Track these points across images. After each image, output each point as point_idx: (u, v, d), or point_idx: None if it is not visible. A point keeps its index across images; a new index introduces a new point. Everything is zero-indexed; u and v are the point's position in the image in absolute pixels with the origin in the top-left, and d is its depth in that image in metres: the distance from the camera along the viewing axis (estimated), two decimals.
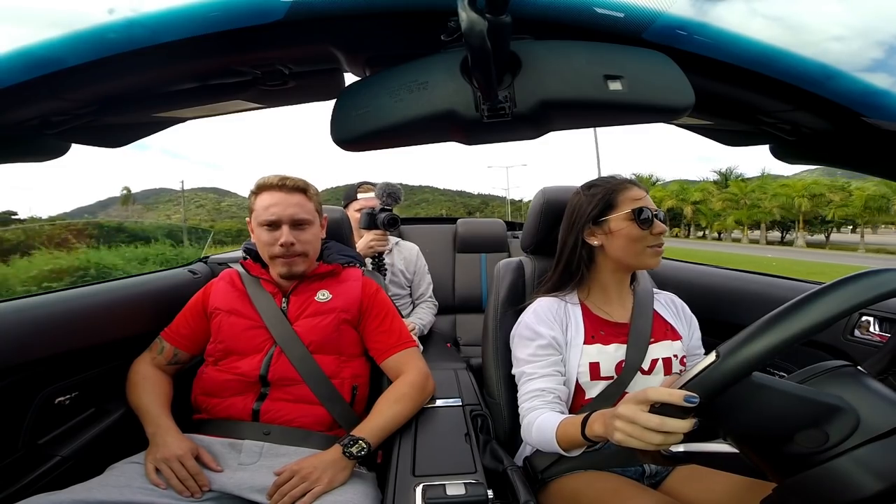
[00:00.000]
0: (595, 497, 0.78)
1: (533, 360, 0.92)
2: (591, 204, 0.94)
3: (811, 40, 0.46)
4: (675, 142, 23.68)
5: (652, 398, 0.54)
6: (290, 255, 1.00)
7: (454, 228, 2.24)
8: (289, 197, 1.00)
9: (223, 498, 0.83)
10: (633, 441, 0.56)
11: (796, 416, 0.45)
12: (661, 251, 0.92)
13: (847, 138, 0.58)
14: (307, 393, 0.95)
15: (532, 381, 0.90)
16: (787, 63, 0.46)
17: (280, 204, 0.99)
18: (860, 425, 0.43)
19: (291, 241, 0.98)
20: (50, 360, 0.91)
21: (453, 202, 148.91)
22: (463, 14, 0.35)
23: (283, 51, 0.50)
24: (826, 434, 0.44)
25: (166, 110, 0.64)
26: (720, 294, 1.34)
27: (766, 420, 0.47)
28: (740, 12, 0.46)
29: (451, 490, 0.73)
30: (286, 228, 0.99)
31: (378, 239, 1.53)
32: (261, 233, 1.01)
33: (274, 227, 0.99)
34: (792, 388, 0.46)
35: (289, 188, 1.00)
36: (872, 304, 0.43)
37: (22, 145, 0.58)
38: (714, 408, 0.48)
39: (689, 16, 0.44)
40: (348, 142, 0.47)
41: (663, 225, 0.91)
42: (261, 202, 1.00)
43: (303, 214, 1.01)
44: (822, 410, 0.44)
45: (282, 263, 1.00)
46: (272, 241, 0.99)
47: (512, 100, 0.44)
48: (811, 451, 0.44)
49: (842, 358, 0.53)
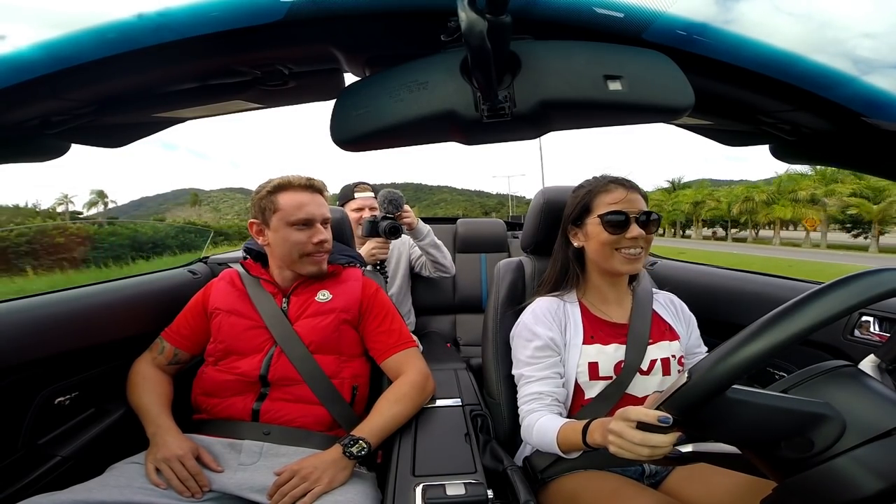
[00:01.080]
0: (595, 497, 0.78)
1: (532, 362, 0.92)
2: (573, 206, 0.96)
3: (839, 37, 0.45)
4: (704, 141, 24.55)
5: (632, 418, 0.59)
6: (322, 253, 1.03)
7: (454, 228, 2.24)
8: (316, 197, 1.03)
9: (223, 498, 0.83)
10: (624, 453, 0.62)
11: (778, 426, 0.45)
12: (635, 257, 0.89)
13: (847, 138, 0.58)
14: (307, 393, 0.95)
15: (531, 384, 0.90)
16: (788, 63, 0.46)
17: (312, 203, 1.01)
18: (847, 429, 0.43)
19: (328, 237, 1.03)
20: (50, 360, 0.91)
21: (471, 202, 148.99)
22: (463, 14, 0.35)
23: (283, 51, 0.50)
24: (811, 441, 0.44)
25: (166, 110, 0.63)
26: (719, 294, 1.34)
27: (748, 431, 0.47)
28: (763, 9, 0.45)
29: (451, 490, 0.73)
30: (320, 227, 1.02)
31: (380, 247, 1.54)
32: (289, 232, 1.00)
33: (308, 226, 1.01)
34: (770, 400, 0.46)
35: (315, 189, 1.03)
36: (865, 306, 0.43)
37: (22, 145, 0.58)
38: (697, 422, 0.48)
39: (711, 14, 0.44)
40: (348, 142, 0.47)
41: (638, 229, 0.88)
42: (289, 201, 1.00)
43: (329, 213, 1.06)
44: (803, 419, 0.45)
45: (313, 262, 1.02)
46: (306, 240, 1.00)
47: (512, 100, 0.44)
48: (799, 457, 0.45)
49: (842, 358, 0.53)
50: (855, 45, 0.45)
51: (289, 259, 1.02)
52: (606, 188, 0.93)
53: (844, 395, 0.46)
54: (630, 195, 0.90)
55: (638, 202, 0.90)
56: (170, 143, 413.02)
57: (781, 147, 0.69)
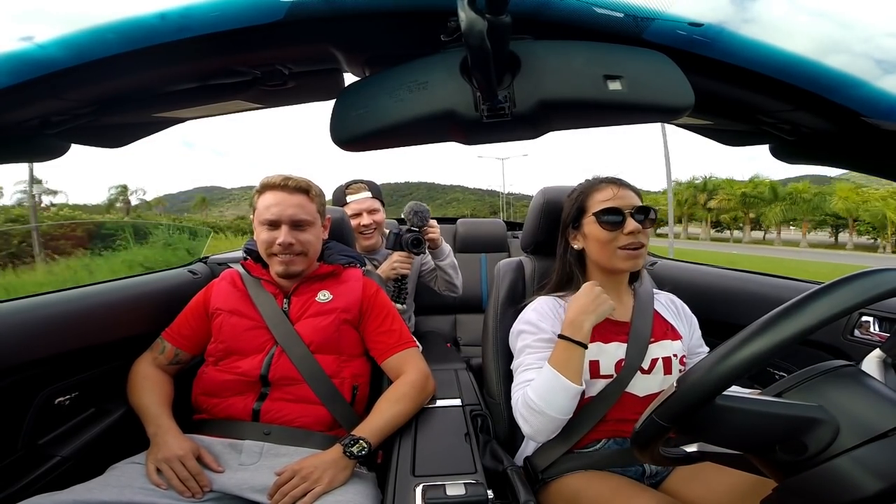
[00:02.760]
0: (595, 497, 0.78)
1: (531, 352, 0.91)
2: (569, 209, 0.98)
3: (862, 36, 0.45)
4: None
5: None
6: (287, 255, 1.00)
7: (454, 228, 2.24)
8: (290, 197, 1.01)
9: (224, 498, 0.83)
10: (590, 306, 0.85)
11: (769, 431, 0.45)
12: (636, 253, 0.90)
13: (847, 138, 0.58)
14: (308, 393, 0.95)
15: (527, 372, 0.90)
16: (787, 63, 0.45)
17: (281, 204, 1.00)
18: (842, 431, 0.43)
19: (290, 241, 0.99)
20: (50, 360, 0.91)
21: (482, 201, 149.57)
22: (462, 14, 0.35)
23: (283, 51, 0.50)
24: (804, 444, 0.44)
25: (166, 110, 0.64)
26: (720, 294, 1.34)
27: (741, 436, 0.47)
28: (783, 9, 0.45)
29: (450, 490, 0.73)
30: (285, 228, 0.99)
31: (402, 261, 1.41)
32: (261, 231, 1.02)
33: (273, 227, 1.00)
34: (759, 406, 0.46)
35: (291, 188, 1.01)
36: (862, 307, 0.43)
37: (22, 145, 0.58)
38: (690, 427, 0.48)
39: (729, 14, 0.43)
40: (347, 142, 0.47)
41: (635, 224, 0.88)
42: (263, 201, 1.01)
43: (302, 215, 1.01)
44: (795, 423, 0.44)
45: (279, 262, 1.01)
46: (271, 240, 1.00)
47: (511, 100, 0.44)
48: (794, 460, 0.45)
49: (842, 358, 0.53)
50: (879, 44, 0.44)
51: (264, 258, 1.04)
52: (598, 187, 0.95)
53: (844, 396, 0.46)
54: (621, 191, 0.92)
55: (630, 198, 0.92)
56: (189, 142, 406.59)
57: (781, 147, 0.69)
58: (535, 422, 0.85)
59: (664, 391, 0.48)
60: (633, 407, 0.87)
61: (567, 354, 0.83)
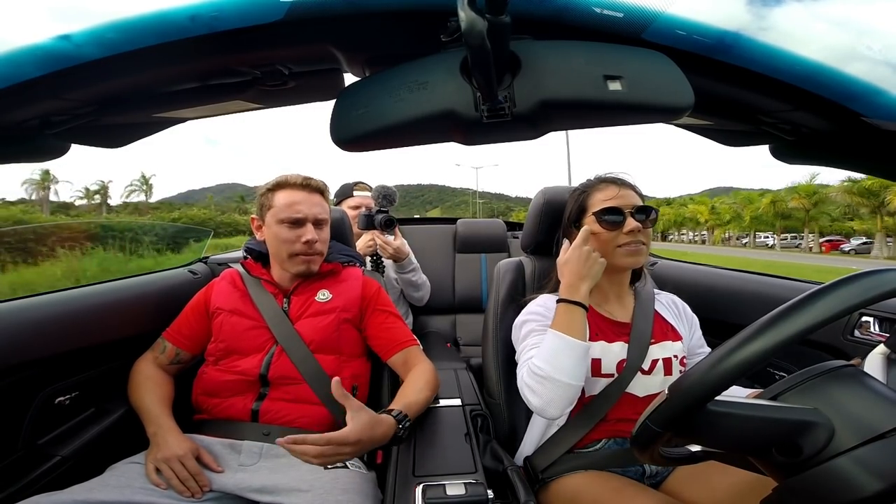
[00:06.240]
0: (595, 497, 0.78)
1: (536, 334, 0.90)
2: (570, 208, 0.99)
3: (882, 44, 0.44)
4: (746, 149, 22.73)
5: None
6: (311, 254, 1.02)
7: (454, 229, 2.24)
8: (312, 196, 1.03)
9: (223, 498, 0.83)
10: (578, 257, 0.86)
11: (763, 434, 0.46)
12: (637, 250, 0.90)
13: (847, 138, 0.58)
14: (308, 393, 0.95)
15: (532, 350, 0.88)
16: (787, 62, 0.45)
17: (305, 202, 1.01)
18: (840, 432, 0.43)
19: (317, 238, 1.01)
20: (50, 360, 0.91)
21: (489, 205, 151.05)
22: (462, 14, 0.35)
23: (283, 51, 0.50)
24: (799, 447, 0.44)
25: (166, 110, 0.63)
26: (720, 294, 1.34)
27: (736, 440, 0.47)
28: (800, 17, 0.45)
29: (451, 490, 0.73)
30: (311, 226, 1.01)
31: (375, 238, 1.60)
32: (280, 230, 1.01)
33: (298, 225, 1.01)
34: (751, 411, 0.46)
35: (312, 188, 1.03)
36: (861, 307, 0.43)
37: (22, 145, 0.58)
38: (686, 431, 0.48)
39: (745, 22, 0.43)
40: (348, 142, 0.47)
41: (635, 222, 0.88)
42: (282, 199, 1.01)
43: (324, 214, 1.04)
44: (789, 427, 0.44)
45: (302, 261, 1.02)
46: (294, 239, 1.00)
47: (512, 100, 0.44)
48: (791, 462, 0.45)
49: (842, 358, 0.53)
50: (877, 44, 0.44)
51: (279, 257, 1.03)
52: (599, 186, 0.95)
53: (844, 396, 0.46)
54: (623, 191, 0.92)
55: (631, 197, 0.92)
56: (213, 139, 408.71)
57: (781, 147, 0.69)
58: (543, 391, 0.80)
59: (657, 397, 0.49)
60: (634, 407, 0.87)
61: (568, 316, 0.83)
